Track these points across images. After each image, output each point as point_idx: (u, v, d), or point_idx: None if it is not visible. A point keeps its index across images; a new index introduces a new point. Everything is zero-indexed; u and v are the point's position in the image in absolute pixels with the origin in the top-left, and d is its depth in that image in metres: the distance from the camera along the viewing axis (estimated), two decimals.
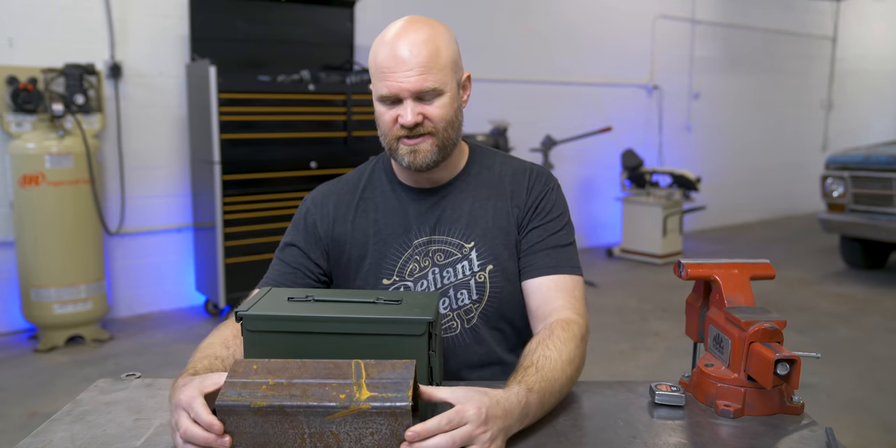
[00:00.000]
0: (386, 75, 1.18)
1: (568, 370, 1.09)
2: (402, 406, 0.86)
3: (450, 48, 1.21)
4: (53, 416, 1.07)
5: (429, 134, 1.21)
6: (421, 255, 1.30)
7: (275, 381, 0.90)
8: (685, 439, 0.99)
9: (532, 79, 5.79)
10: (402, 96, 1.18)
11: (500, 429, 0.93)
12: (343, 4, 4.56)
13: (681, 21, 6.74)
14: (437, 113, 1.20)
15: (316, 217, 1.36)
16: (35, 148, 3.51)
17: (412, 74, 1.16)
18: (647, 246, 5.75)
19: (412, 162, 1.22)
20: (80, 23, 3.86)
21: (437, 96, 1.20)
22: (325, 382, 0.89)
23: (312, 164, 4.10)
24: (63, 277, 3.59)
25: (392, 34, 1.19)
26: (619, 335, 3.85)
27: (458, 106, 1.25)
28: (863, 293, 4.82)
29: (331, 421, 0.87)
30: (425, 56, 1.17)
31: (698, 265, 1.16)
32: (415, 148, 1.21)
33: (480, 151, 1.38)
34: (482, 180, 1.33)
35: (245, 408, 0.87)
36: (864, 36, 8.78)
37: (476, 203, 1.31)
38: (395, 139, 1.22)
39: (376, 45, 1.21)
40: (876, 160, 4.96)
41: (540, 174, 1.34)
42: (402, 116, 1.19)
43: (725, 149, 7.42)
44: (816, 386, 3.12)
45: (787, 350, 1.01)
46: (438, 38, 1.20)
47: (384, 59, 1.18)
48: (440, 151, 1.23)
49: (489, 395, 0.94)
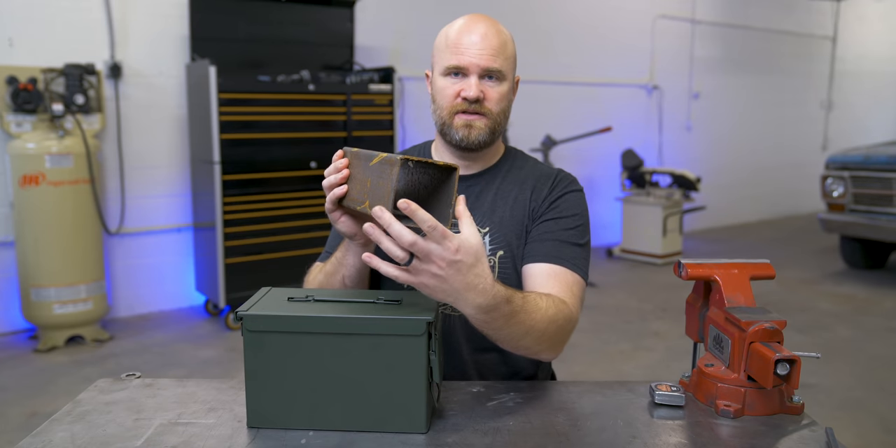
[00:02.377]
0: (460, 49, 1.25)
1: (548, 325, 1.10)
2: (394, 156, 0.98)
3: (514, 46, 1.31)
4: (53, 416, 1.07)
5: (484, 114, 1.27)
6: None
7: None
8: (685, 439, 0.99)
9: (532, 79, 5.78)
10: (470, 71, 1.25)
11: (450, 281, 0.94)
12: (343, 4, 4.56)
13: (681, 21, 6.75)
14: (495, 96, 1.27)
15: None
16: (35, 148, 3.51)
17: (485, 53, 1.24)
18: (647, 246, 5.75)
19: (465, 136, 1.28)
20: (80, 23, 3.86)
21: (499, 81, 1.27)
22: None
23: (312, 164, 4.10)
24: (63, 277, 3.59)
25: (466, 20, 1.28)
26: (619, 335, 3.85)
27: (511, 100, 1.32)
28: (863, 293, 4.82)
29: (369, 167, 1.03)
30: (497, 42, 1.26)
31: (698, 265, 1.16)
32: (471, 122, 1.27)
33: (514, 153, 1.43)
34: (510, 177, 1.37)
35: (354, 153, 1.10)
36: (864, 36, 8.78)
37: (499, 194, 1.35)
38: (452, 113, 1.28)
39: (447, 29, 1.30)
40: (876, 160, 4.96)
41: (565, 178, 1.38)
42: (466, 90, 1.25)
43: (725, 149, 7.42)
44: (816, 386, 3.12)
45: (787, 350, 1.01)
46: (507, 35, 1.30)
47: (459, 35, 1.26)
48: (490, 133, 1.29)
49: (482, 258, 0.97)
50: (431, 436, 0.99)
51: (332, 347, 0.99)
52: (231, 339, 3.81)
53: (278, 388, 1.01)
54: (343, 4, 4.56)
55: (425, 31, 4.96)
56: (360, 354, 0.98)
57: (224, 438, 0.99)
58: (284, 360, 1.00)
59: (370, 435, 0.99)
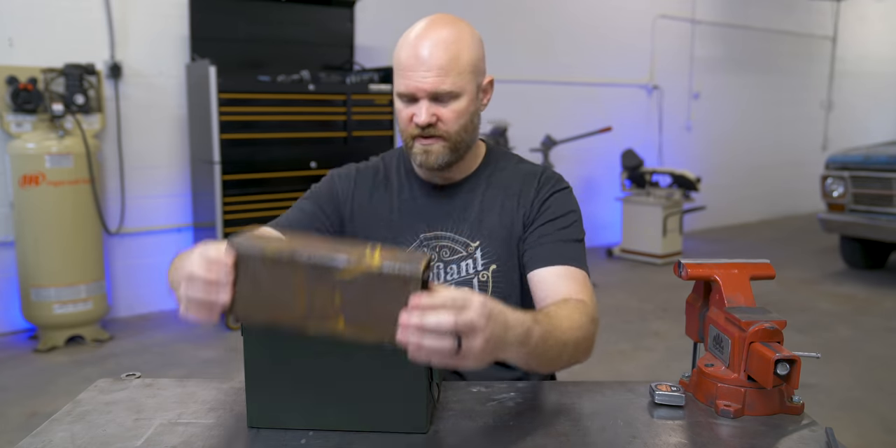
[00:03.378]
0: (405, 74, 1.19)
1: (574, 333, 1.06)
2: (413, 271, 0.84)
3: (472, 51, 1.22)
4: (53, 416, 1.07)
5: (440, 137, 1.22)
6: (428, 249, 1.32)
7: (291, 242, 0.90)
8: (685, 439, 0.99)
9: (532, 79, 5.78)
10: (417, 96, 1.20)
11: (494, 333, 0.86)
12: (343, 4, 4.56)
13: (681, 21, 6.74)
14: (451, 116, 1.21)
15: (339, 187, 1.37)
16: (35, 148, 3.51)
17: (429, 75, 1.17)
18: (647, 246, 5.74)
19: (424, 162, 1.25)
20: (80, 23, 3.86)
21: (452, 99, 1.20)
22: (339, 248, 0.88)
23: (312, 164, 4.10)
24: (63, 277, 3.59)
25: (415, 33, 1.20)
26: (619, 335, 3.85)
27: (476, 109, 1.26)
28: (863, 293, 4.82)
29: (340, 281, 0.85)
30: (445, 58, 1.17)
31: (698, 265, 1.15)
32: (427, 148, 1.23)
33: (496, 153, 1.39)
34: (494, 181, 1.34)
35: (258, 251, 0.86)
36: (864, 36, 8.78)
37: (485, 203, 1.32)
38: (410, 137, 1.25)
39: (400, 43, 1.22)
40: (876, 160, 4.96)
41: (550, 177, 1.35)
42: (417, 116, 1.20)
43: (725, 149, 7.42)
44: (816, 386, 3.12)
45: (787, 350, 1.01)
46: (461, 41, 1.20)
47: (405, 57, 1.19)
48: (452, 154, 1.24)
49: (493, 301, 0.89)
50: (431, 436, 0.99)
51: (332, 348, 0.98)
52: (231, 339, 3.80)
53: (278, 388, 1.00)
54: (343, 4, 4.56)
55: None
56: (360, 354, 0.98)
57: (224, 438, 0.99)
58: (284, 361, 1.00)
59: (370, 435, 0.99)
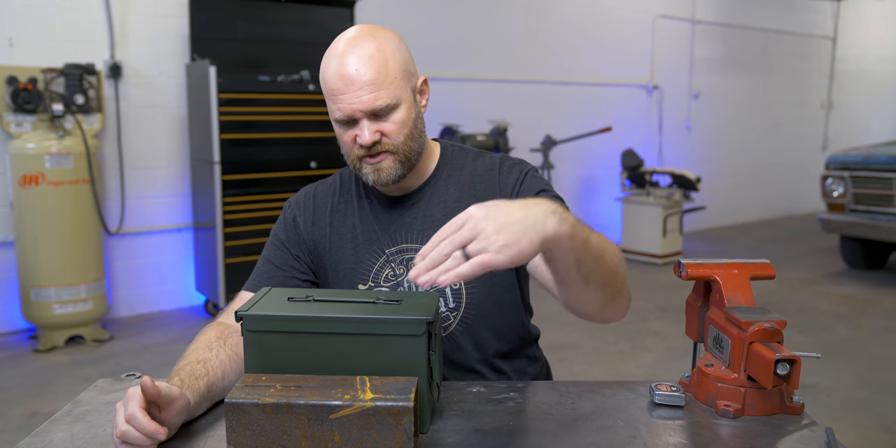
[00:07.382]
0: (337, 98, 1.15)
1: (620, 260, 1.09)
2: (404, 404, 0.88)
3: (398, 57, 1.17)
4: (53, 416, 1.07)
5: (388, 152, 1.19)
6: (395, 263, 1.28)
7: (283, 385, 0.93)
8: (685, 439, 0.99)
9: (532, 79, 5.78)
10: (356, 117, 1.16)
11: (499, 212, 0.87)
12: (343, 4, 4.56)
13: (681, 21, 6.75)
14: (394, 128, 1.17)
15: (299, 219, 1.34)
16: (35, 148, 3.51)
17: (363, 94, 1.13)
18: (647, 246, 5.74)
19: (376, 180, 1.21)
20: (80, 23, 3.86)
21: (392, 111, 1.17)
22: (330, 388, 0.92)
23: (312, 164, 4.10)
24: (63, 277, 3.59)
25: (336, 53, 1.16)
26: (618, 335, 3.85)
27: (417, 114, 1.22)
28: (863, 293, 4.82)
29: (335, 420, 0.89)
30: (372, 72, 1.13)
31: (698, 265, 1.15)
32: (377, 166, 1.19)
33: (451, 152, 1.34)
34: (453, 183, 1.30)
35: (253, 405, 0.89)
36: (864, 36, 8.78)
37: (448, 207, 1.27)
38: (357, 159, 1.20)
39: (323, 68, 1.18)
40: (876, 160, 4.96)
41: (511, 166, 1.30)
42: (360, 137, 1.16)
43: (725, 149, 7.42)
44: (816, 386, 3.12)
45: (787, 350, 1.01)
46: (385, 49, 1.15)
47: (332, 80, 1.15)
48: (403, 166, 1.21)
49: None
50: (431, 436, 0.99)
51: (332, 347, 0.99)
52: None
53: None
54: (343, 4, 4.56)
55: (425, 31, 4.97)
56: (360, 355, 0.98)
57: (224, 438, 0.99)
58: (284, 360, 1.00)
59: None
